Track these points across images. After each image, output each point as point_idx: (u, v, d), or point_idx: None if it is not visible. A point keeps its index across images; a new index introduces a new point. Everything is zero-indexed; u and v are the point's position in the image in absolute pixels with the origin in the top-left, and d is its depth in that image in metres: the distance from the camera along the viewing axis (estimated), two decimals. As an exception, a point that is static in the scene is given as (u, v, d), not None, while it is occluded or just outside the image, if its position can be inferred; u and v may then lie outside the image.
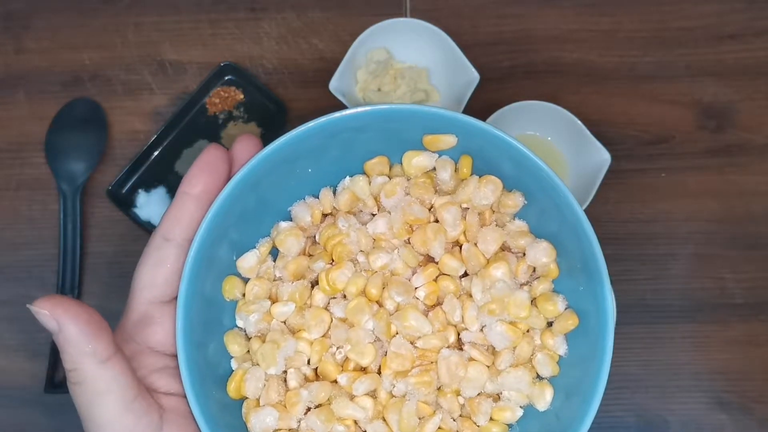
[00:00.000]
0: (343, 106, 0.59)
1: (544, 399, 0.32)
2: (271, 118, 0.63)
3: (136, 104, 0.64)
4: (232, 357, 0.34)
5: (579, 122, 0.58)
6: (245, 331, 0.34)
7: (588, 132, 0.58)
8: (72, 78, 0.65)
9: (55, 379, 0.58)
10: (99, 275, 0.61)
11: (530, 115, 0.59)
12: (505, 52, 0.65)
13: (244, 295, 0.35)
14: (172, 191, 0.62)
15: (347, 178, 0.35)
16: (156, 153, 0.62)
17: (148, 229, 0.60)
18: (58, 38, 0.66)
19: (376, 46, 0.62)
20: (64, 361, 0.28)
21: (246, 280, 0.35)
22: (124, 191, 0.61)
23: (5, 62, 0.65)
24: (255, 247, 0.35)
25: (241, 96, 0.63)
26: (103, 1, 0.66)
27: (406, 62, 0.64)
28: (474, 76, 0.60)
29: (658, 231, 0.61)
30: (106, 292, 0.60)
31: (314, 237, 0.36)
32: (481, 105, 0.61)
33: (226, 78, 0.64)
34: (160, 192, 0.61)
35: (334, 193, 0.36)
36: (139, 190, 0.61)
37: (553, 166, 0.62)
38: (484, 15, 0.66)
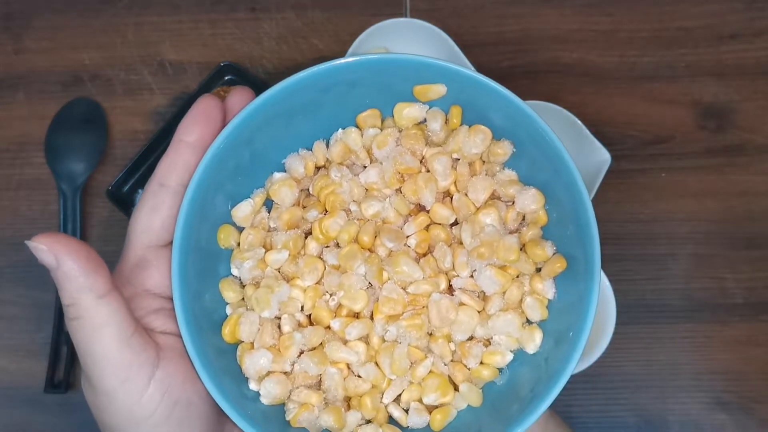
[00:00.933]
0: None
1: (534, 342, 0.33)
2: (271, 118, 0.63)
3: (136, 104, 0.64)
4: (227, 304, 0.35)
5: (579, 122, 0.58)
6: (240, 279, 0.35)
7: (588, 132, 0.58)
8: (72, 78, 0.65)
9: (55, 379, 0.58)
10: (99, 275, 0.61)
11: (530, 115, 0.59)
12: (505, 52, 0.65)
13: (239, 244, 0.35)
14: (172, 191, 0.62)
15: (340, 130, 0.36)
16: (156, 153, 0.62)
17: (148, 229, 0.60)
18: (58, 38, 0.66)
19: (376, 46, 0.62)
20: (62, 297, 0.29)
21: (241, 230, 0.35)
22: (124, 191, 0.61)
23: (5, 62, 0.65)
24: (250, 198, 0.35)
25: (241, 96, 0.63)
26: (103, 1, 0.66)
27: (406, 62, 0.64)
28: (474, 76, 0.60)
29: (658, 231, 0.61)
30: (106, 292, 0.60)
31: (308, 189, 0.36)
32: (481, 105, 0.61)
33: (226, 78, 0.63)
34: (160, 192, 0.61)
35: (327, 145, 0.36)
36: (139, 190, 0.61)
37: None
38: (484, 15, 0.66)
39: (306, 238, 0.35)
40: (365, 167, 0.35)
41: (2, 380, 0.59)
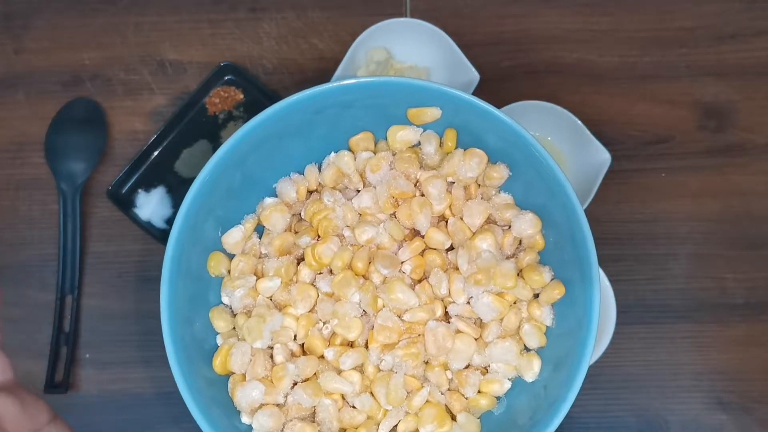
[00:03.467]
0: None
1: (532, 370, 0.32)
2: (271, 118, 0.63)
3: (136, 104, 0.64)
4: (218, 333, 0.34)
5: (579, 122, 0.58)
6: (231, 307, 0.34)
7: (588, 132, 0.58)
8: (72, 78, 0.65)
9: (55, 379, 0.58)
10: (99, 275, 0.61)
11: (530, 115, 0.59)
12: (505, 52, 0.65)
13: (229, 271, 0.34)
14: (171, 191, 0.62)
15: (332, 153, 0.35)
16: (156, 153, 0.62)
17: (148, 229, 0.60)
18: (58, 38, 0.66)
19: (376, 46, 0.62)
20: None
21: (231, 257, 0.35)
22: (124, 191, 0.61)
23: (5, 62, 0.65)
24: (240, 224, 0.35)
25: (241, 96, 0.63)
26: (103, 1, 0.66)
27: (406, 62, 0.64)
28: (474, 76, 0.60)
29: (658, 231, 0.61)
30: (106, 292, 0.61)
31: (300, 214, 0.35)
32: (481, 105, 0.61)
33: (226, 78, 0.63)
34: (159, 192, 0.61)
35: (320, 169, 0.35)
36: (139, 190, 0.61)
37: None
38: (484, 15, 0.66)
39: (298, 264, 0.34)
40: (359, 191, 0.34)
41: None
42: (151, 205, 0.61)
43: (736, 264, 0.61)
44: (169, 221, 0.61)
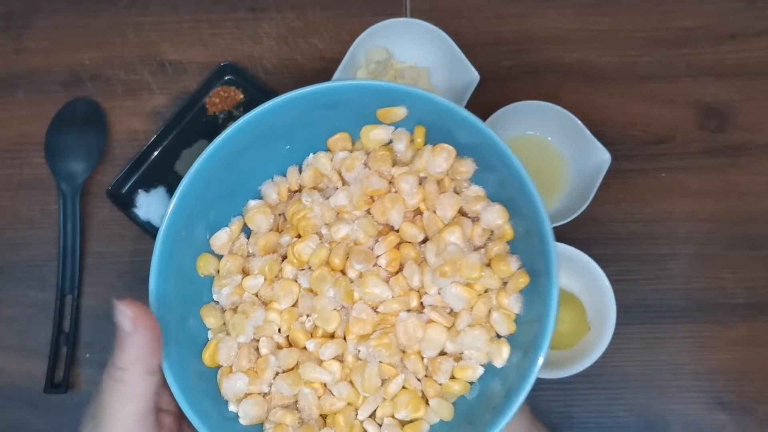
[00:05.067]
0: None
1: (501, 356, 0.33)
2: (271, 118, 0.63)
3: (136, 104, 0.64)
4: (207, 329, 0.36)
5: (579, 122, 0.58)
6: (220, 305, 0.36)
7: (588, 132, 0.58)
8: (72, 78, 0.65)
9: (55, 380, 0.58)
10: (99, 275, 0.61)
11: (530, 115, 0.59)
12: (505, 52, 0.65)
13: (218, 271, 0.36)
14: (171, 191, 0.61)
15: (311, 155, 0.37)
16: (156, 153, 0.62)
17: (147, 229, 0.60)
18: (58, 38, 0.66)
19: (376, 46, 0.62)
20: (117, 357, 0.31)
21: (221, 257, 0.36)
22: (124, 191, 0.61)
23: (5, 62, 0.65)
24: (227, 226, 0.36)
25: (241, 96, 0.63)
26: (103, 1, 0.66)
27: (406, 62, 0.64)
28: (474, 76, 0.60)
29: (658, 231, 0.61)
30: (106, 292, 0.61)
31: (283, 214, 0.37)
32: (481, 105, 0.61)
33: (226, 78, 0.64)
34: (160, 192, 0.61)
35: (300, 170, 0.37)
36: (139, 190, 0.61)
37: (553, 166, 0.63)
38: (484, 15, 0.66)
39: (282, 261, 0.35)
40: (336, 189, 0.36)
41: (2, 380, 0.59)
42: (151, 205, 0.61)
43: (736, 264, 0.61)
44: (169, 221, 0.61)
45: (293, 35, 0.66)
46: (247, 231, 0.37)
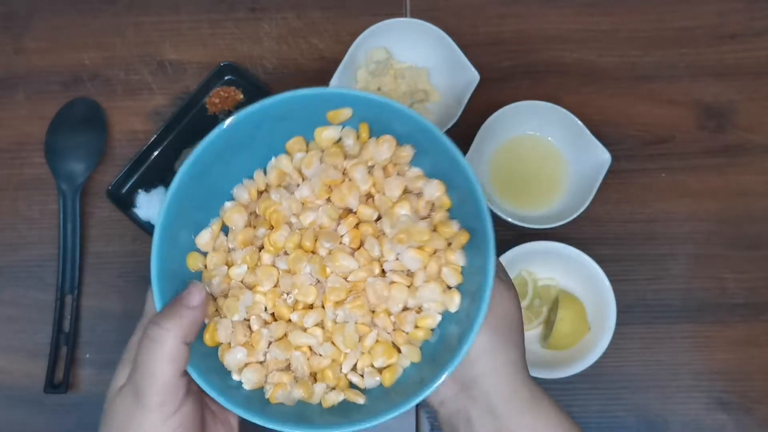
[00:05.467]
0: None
1: (454, 303, 0.40)
2: (271, 118, 0.63)
3: (136, 104, 0.64)
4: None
5: (579, 122, 0.58)
6: (212, 294, 0.41)
7: (588, 132, 0.58)
8: (72, 78, 0.65)
9: (55, 380, 0.58)
10: (99, 275, 0.61)
11: (530, 115, 0.59)
12: (505, 52, 0.65)
13: (206, 266, 0.42)
14: (172, 191, 0.62)
15: (273, 158, 0.43)
16: (156, 153, 0.62)
17: (147, 229, 0.60)
18: (58, 38, 0.66)
19: (376, 46, 0.62)
20: (163, 318, 0.36)
21: (205, 254, 0.42)
22: (124, 191, 0.61)
23: (5, 62, 0.65)
24: (208, 226, 0.42)
25: (241, 96, 0.63)
26: (103, 1, 0.66)
27: (406, 62, 0.64)
28: (474, 76, 0.60)
29: (658, 231, 0.61)
30: (106, 292, 0.61)
31: (255, 211, 0.43)
32: (481, 105, 0.61)
33: (226, 78, 0.64)
34: (160, 192, 0.61)
35: (265, 173, 0.43)
36: (139, 190, 0.61)
37: (553, 166, 0.63)
38: (484, 15, 0.66)
39: (260, 251, 0.42)
40: (299, 185, 0.42)
41: (2, 380, 0.59)
42: (151, 205, 0.61)
43: (736, 264, 0.61)
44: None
45: (293, 35, 0.66)
46: (225, 229, 0.43)
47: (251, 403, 0.39)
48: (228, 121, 0.39)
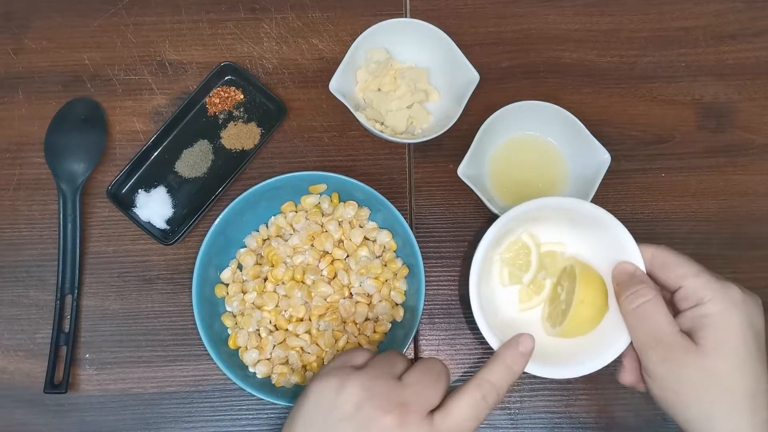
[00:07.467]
0: (342, 106, 0.59)
1: (399, 315, 0.58)
2: (271, 118, 0.63)
3: (136, 104, 0.64)
4: (227, 327, 0.59)
5: (579, 122, 0.58)
6: (233, 312, 0.59)
7: (588, 132, 0.58)
8: (72, 78, 0.65)
9: (55, 379, 0.58)
10: (99, 275, 0.61)
11: (530, 115, 0.59)
12: (505, 52, 0.65)
13: (228, 293, 0.59)
14: (171, 191, 0.62)
15: (272, 217, 0.61)
16: (156, 153, 0.62)
17: (147, 229, 0.60)
18: (58, 38, 0.66)
19: (376, 46, 0.62)
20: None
21: (227, 285, 0.59)
22: (124, 191, 0.61)
23: (5, 62, 0.65)
24: (229, 265, 0.60)
25: (241, 96, 0.63)
26: (103, 1, 0.66)
27: (406, 62, 0.64)
28: (474, 76, 0.60)
29: (658, 231, 0.61)
30: (106, 292, 0.61)
31: (261, 254, 0.60)
32: (481, 105, 0.61)
33: (226, 78, 0.64)
34: (160, 192, 0.61)
35: (267, 226, 0.61)
36: (139, 190, 0.61)
37: (553, 166, 0.63)
38: (484, 15, 0.66)
39: (265, 282, 0.59)
40: (291, 235, 0.60)
41: (2, 380, 0.59)
42: (151, 205, 0.61)
43: (736, 264, 0.61)
44: (169, 221, 0.61)
45: (293, 35, 0.66)
46: (240, 267, 0.60)
47: (263, 387, 0.55)
48: (238, 199, 0.56)
